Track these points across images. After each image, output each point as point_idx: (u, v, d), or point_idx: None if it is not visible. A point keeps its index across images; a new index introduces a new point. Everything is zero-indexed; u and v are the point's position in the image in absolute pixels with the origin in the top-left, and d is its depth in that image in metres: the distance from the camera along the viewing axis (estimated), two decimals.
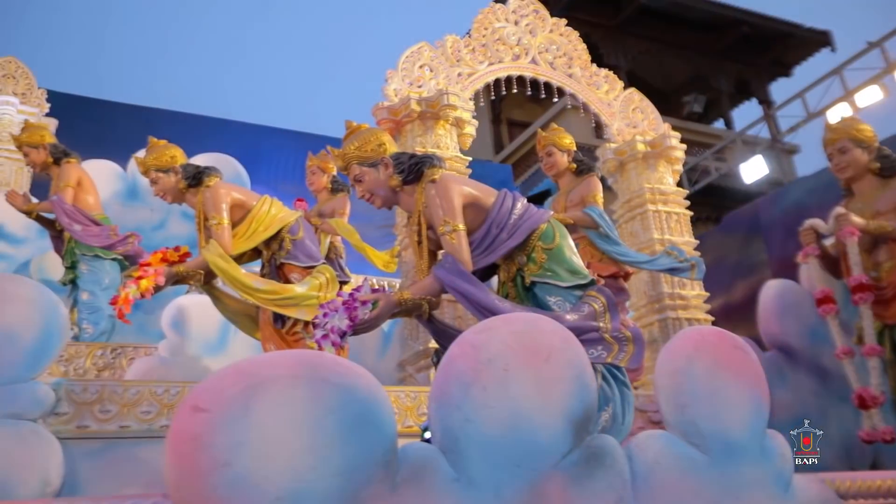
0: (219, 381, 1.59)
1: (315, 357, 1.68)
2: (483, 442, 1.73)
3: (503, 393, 1.77)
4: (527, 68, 6.08)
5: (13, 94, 7.33)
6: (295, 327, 4.05)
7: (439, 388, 1.80)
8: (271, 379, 1.59)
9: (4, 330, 2.71)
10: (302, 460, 1.53)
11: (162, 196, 4.18)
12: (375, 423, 1.65)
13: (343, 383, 1.65)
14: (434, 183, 2.96)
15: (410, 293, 2.89)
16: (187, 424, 1.54)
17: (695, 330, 2.12)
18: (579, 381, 1.87)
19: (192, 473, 1.50)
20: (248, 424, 1.53)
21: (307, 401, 1.59)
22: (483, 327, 1.88)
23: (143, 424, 2.93)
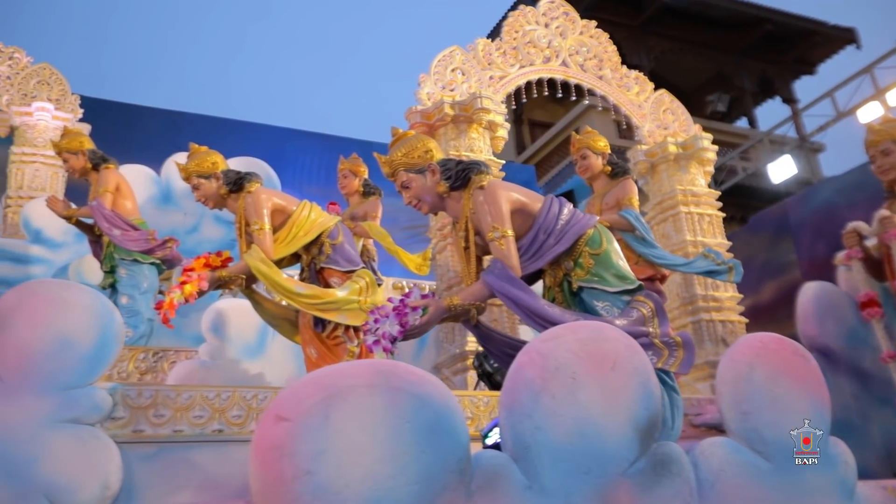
0: (299, 391, 1.62)
1: (389, 366, 1.71)
2: (553, 449, 1.75)
3: (571, 401, 1.79)
4: (557, 71, 6.10)
5: (48, 100, 7.45)
6: (335, 331, 4.08)
7: (509, 396, 1.82)
8: (349, 388, 1.62)
9: (63, 336, 2.76)
10: (381, 468, 1.56)
11: (203, 202, 4.22)
12: (449, 431, 1.68)
13: (417, 392, 1.67)
14: (482, 189, 2.98)
15: (460, 299, 2.91)
16: (271, 433, 1.57)
17: (755, 337, 2.13)
18: (644, 389, 1.88)
19: (277, 481, 1.53)
20: (328, 433, 1.56)
21: (383, 409, 1.62)
22: (550, 336, 1.90)
23: (196, 428, 2.98)
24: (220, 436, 3.01)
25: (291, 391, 1.60)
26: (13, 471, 2.55)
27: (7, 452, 2.56)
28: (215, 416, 3.03)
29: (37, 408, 2.66)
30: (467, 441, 1.72)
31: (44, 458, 2.59)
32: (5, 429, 2.59)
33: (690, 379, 5.39)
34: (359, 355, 4.05)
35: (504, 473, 1.72)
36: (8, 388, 2.65)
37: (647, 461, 1.84)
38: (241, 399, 3.10)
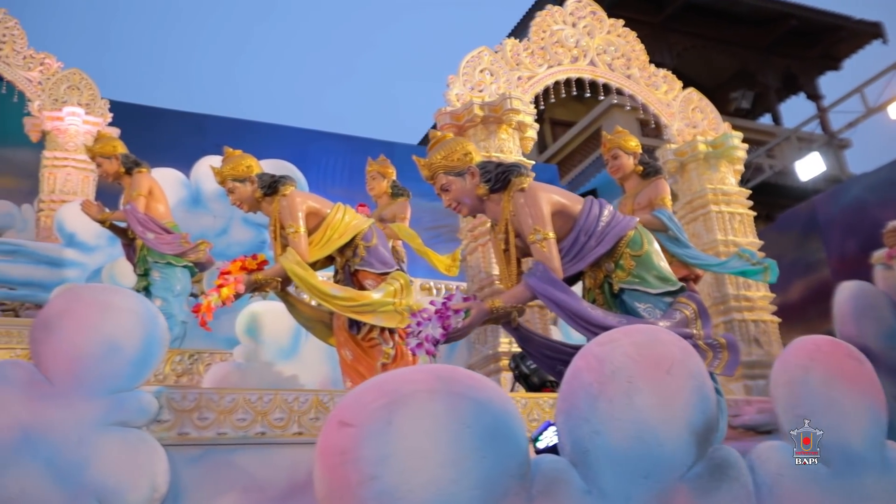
0: (362, 397, 1.63)
1: (449, 371, 1.72)
2: (612, 454, 1.75)
3: (628, 405, 1.79)
4: (585, 70, 6.08)
5: (78, 105, 7.54)
6: (371, 333, 4.09)
7: (566, 401, 1.82)
8: (410, 394, 1.63)
9: (110, 340, 2.79)
10: (443, 473, 1.57)
11: (238, 205, 4.25)
12: (509, 436, 1.68)
13: (477, 396, 1.68)
14: (523, 191, 2.98)
15: (502, 301, 2.91)
16: (335, 439, 1.58)
17: (808, 340, 2.12)
18: (700, 393, 1.88)
19: (342, 486, 1.54)
20: (391, 438, 1.57)
21: (444, 414, 1.63)
22: (605, 339, 1.90)
23: (239, 431, 3.00)
24: (262, 438, 3.03)
25: (354, 396, 1.62)
26: (65, 473, 2.58)
27: (59, 455, 2.60)
28: (258, 419, 3.05)
29: (86, 411, 2.70)
30: (527, 445, 1.72)
31: (94, 461, 2.63)
32: (57, 432, 2.62)
33: (723, 379, 5.36)
34: (394, 357, 4.07)
35: (564, 478, 1.72)
36: (58, 391, 2.69)
37: (705, 466, 1.83)
38: (283, 402, 3.12)
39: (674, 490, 1.76)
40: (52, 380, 2.71)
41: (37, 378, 2.70)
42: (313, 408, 3.16)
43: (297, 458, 3.06)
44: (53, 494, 2.55)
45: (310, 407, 3.15)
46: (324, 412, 3.16)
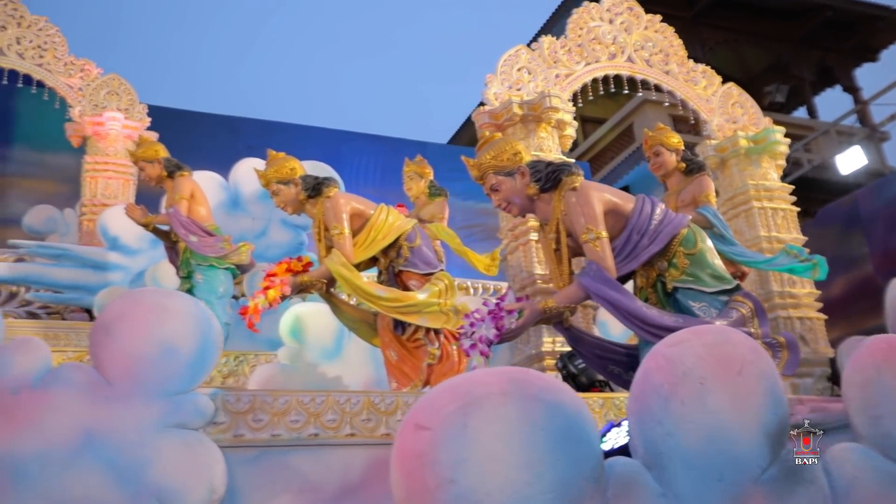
0: (436, 400, 1.62)
1: (521, 374, 1.71)
2: (685, 456, 1.72)
3: (701, 406, 1.77)
4: (623, 67, 6.04)
5: (117, 110, 7.65)
6: (416, 334, 4.10)
7: (638, 402, 1.80)
8: (484, 396, 1.62)
9: (166, 343, 2.82)
10: (518, 476, 1.56)
11: (282, 207, 4.27)
12: (583, 438, 1.67)
13: (550, 399, 1.67)
14: (574, 191, 2.96)
15: (555, 301, 2.90)
16: (412, 442, 1.58)
17: (881, 339, 2.07)
18: (772, 394, 1.85)
19: (420, 490, 1.54)
20: (467, 441, 1.56)
21: (518, 417, 1.62)
22: (675, 340, 1.87)
23: (293, 433, 3.01)
24: (316, 440, 3.04)
25: (428, 400, 1.61)
26: (126, 475, 2.62)
27: (120, 456, 2.63)
28: (311, 421, 3.06)
29: (145, 413, 2.73)
30: (600, 448, 1.70)
31: (154, 463, 2.66)
32: (118, 433, 2.66)
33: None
34: (439, 357, 4.07)
35: (639, 481, 1.70)
36: (118, 393, 2.72)
37: (779, 468, 1.80)
38: (335, 403, 3.13)
39: (749, 493, 1.73)
40: (111, 382, 2.74)
41: (97, 381, 2.74)
42: (365, 409, 3.16)
43: (349, 459, 3.07)
44: (115, 495, 2.58)
45: (361, 408, 3.16)
46: (375, 413, 3.17)
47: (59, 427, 2.61)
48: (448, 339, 4.10)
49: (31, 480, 2.52)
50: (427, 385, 4.05)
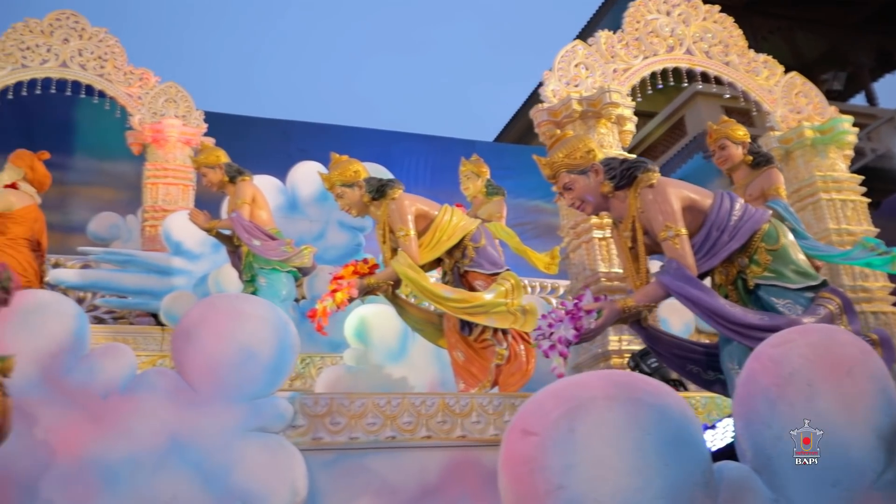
0: (542, 405, 1.60)
1: (626, 377, 1.68)
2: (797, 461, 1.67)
3: (809, 409, 1.71)
4: (682, 59, 5.93)
5: (175, 117, 7.79)
6: (483, 334, 4.07)
7: (744, 405, 1.76)
8: (589, 401, 1.59)
9: (245, 347, 2.85)
10: (628, 482, 1.53)
11: (347, 210, 4.29)
12: (691, 443, 1.63)
13: (656, 403, 1.63)
14: (651, 188, 2.91)
15: (634, 301, 2.85)
16: (519, 448, 1.56)
17: None
18: (883, 395, 1.78)
19: (530, 495, 1.52)
20: (575, 447, 1.54)
21: (625, 422, 1.59)
22: (780, 340, 1.82)
23: (370, 436, 3.02)
24: (393, 442, 3.05)
25: (535, 404, 1.59)
26: (212, 478, 2.65)
27: (206, 460, 2.67)
28: (387, 423, 3.07)
29: (228, 417, 2.77)
30: (708, 453, 1.66)
31: (238, 466, 2.69)
32: (203, 437, 2.70)
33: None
34: (508, 358, 4.04)
35: (750, 486, 1.65)
36: (201, 398, 2.77)
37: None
38: (411, 405, 3.13)
39: (865, 499, 1.67)
40: (194, 387, 2.79)
41: (181, 385, 2.78)
42: (440, 411, 3.16)
43: (426, 461, 3.07)
44: (202, 498, 2.62)
45: (437, 410, 3.15)
46: (450, 415, 3.16)
47: (147, 431, 2.66)
48: (516, 340, 4.07)
49: (122, 483, 2.57)
50: (495, 385, 4.03)
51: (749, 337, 2.67)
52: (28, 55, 7.37)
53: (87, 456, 2.58)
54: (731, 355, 2.92)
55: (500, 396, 3.32)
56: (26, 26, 7.49)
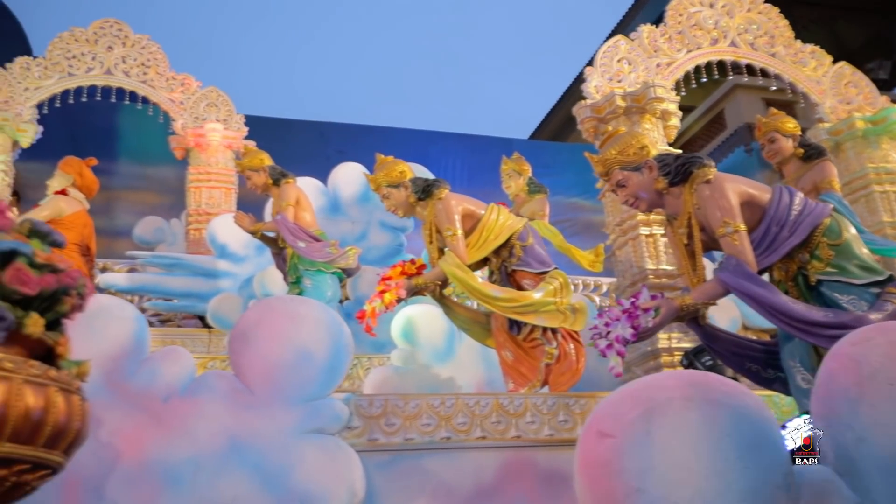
0: (617, 406, 1.58)
1: (702, 378, 1.65)
2: (882, 463, 1.62)
3: (893, 409, 1.66)
4: (726, 52, 5.83)
5: (217, 121, 7.87)
6: (533, 334, 4.05)
7: (824, 405, 1.71)
8: (665, 402, 1.57)
9: (301, 349, 2.87)
10: (707, 485, 1.50)
11: (393, 210, 4.29)
12: (770, 444, 1.59)
13: (734, 404, 1.60)
14: (708, 183, 2.86)
15: (692, 299, 2.81)
16: (596, 450, 1.54)
17: None
18: None
19: (608, 499, 1.50)
20: (652, 449, 1.51)
21: (702, 423, 1.55)
22: (858, 338, 1.77)
23: (425, 437, 3.02)
24: (448, 443, 3.04)
25: (610, 406, 1.57)
26: (272, 479, 2.67)
27: (265, 462, 2.69)
28: (442, 424, 3.06)
29: (286, 419, 2.78)
30: (788, 454, 1.62)
31: (297, 467, 2.71)
32: (261, 439, 2.72)
33: None
34: (558, 357, 4.01)
35: (833, 490, 1.61)
36: (258, 400, 2.79)
37: None
38: (465, 406, 3.12)
39: None
40: (252, 389, 2.81)
41: (238, 388, 2.81)
42: (494, 411, 3.14)
43: (481, 461, 3.06)
44: (262, 499, 2.64)
45: (491, 411, 3.14)
46: (504, 416, 3.14)
47: (207, 433, 2.69)
48: (566, 338, 4.04)
49: (184, 484, 2.60)
50: (545, 385, 4.00)
51: (813, 334, 2.62)
52: (74, 63, 7.51)
53: (150, 458, 2.61)
54: (791, 353, 2.87)
55: (554, 396, 3.29)
56: (72, 35, 7.64)
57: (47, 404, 1.45)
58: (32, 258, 1.53)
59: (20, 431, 1.39)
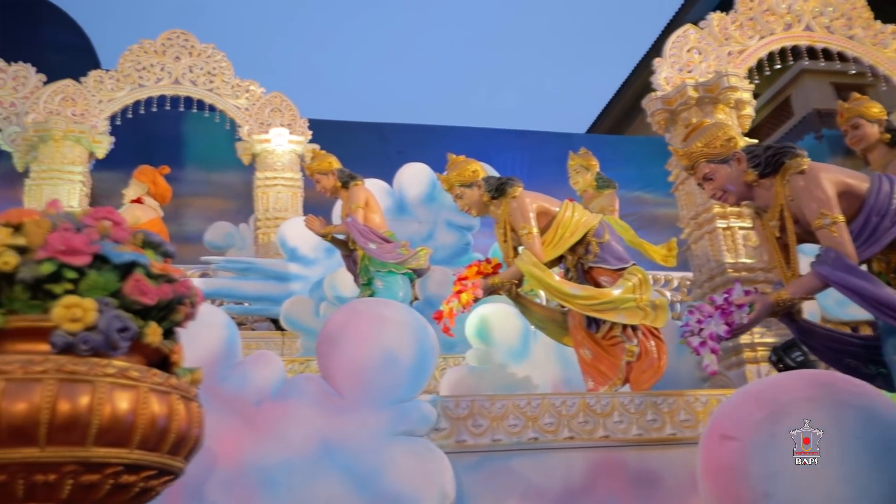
0: (740, 409, 1.53)
1: (826, 377, 1.59)
2: None
3: None
4: (801, 36, 5.65)
5: (281, 126, 7.99)
6: (612, 331, 3.98)
7: None
8: (790, 403, 1.51)
9: (387, 351, 2.87)
10: (839, 490, 1.44)
11: (467, 210, 4.28)
12: None
13: (862, 405, 1.53)
14: (802, 174, 2.76)
15: (789, 293, 2.72)
16: (720, 454, 1.49)
17: None
18: None
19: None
20: (778, 452, 1.46)
21: (830, 425, 1.49)
22: None
23: (513, 437, 3.00)
24: (536, 444, 3.01)
25: (732, 408, 1.52)
26: (364, 482, 2.69)
27: (356, 464, 2.70)
28: (529, 425, 3.04)
29: (375, 421, 2.79)
30: None
31: (388, 469, 2.71)
32: (353, 442, 2.73)
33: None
34: (639, 354, 3.94)
35: None
36: (348, 403, 2.81)
37: None
38: (551, 406, 3.08)
39: None
40: (340, 392, 2.83)
41: (328, 391, 2.83)
42: (581, 411, 3.10)
43: (570, 462, 3.03)
44: (356, 502, 2.66)
45: (577, 411, 3.10)
46: (592, 416, 3.10)
47: (299, 436, 2.72)
48: (646, 335, 3.96)
49: (280, 487, 2.63)
50: (626, 383, 3.93)
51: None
52: (144, 75, 7.72)
53: (246, 461, 2.65)
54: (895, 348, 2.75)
55: (641, 395, 3.23)
56: (141, 47, 7.86)
57: (170, 412, 1.47)
58: (149, 269, 1.56)
59: (147, 438, 1.42)
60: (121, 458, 1.39)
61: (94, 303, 1.43)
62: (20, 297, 1.43)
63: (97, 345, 1.41)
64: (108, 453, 1.37)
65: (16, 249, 1.43)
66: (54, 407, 1.31)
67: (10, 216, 1.49)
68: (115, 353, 1.44)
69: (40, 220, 1.48)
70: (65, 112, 7.21)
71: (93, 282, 1.47)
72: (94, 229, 1.54)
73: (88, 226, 1.54)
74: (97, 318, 1.42)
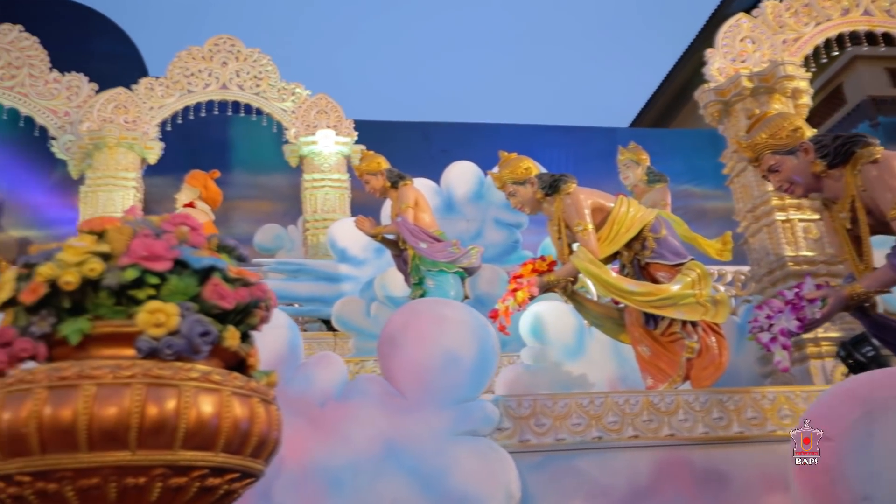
0: (833, 408, 1.48)
1: None
2: None
3: None
4: (860, 21, 5.49)
5: (327, 128, 8.05)
6: (671, 328, 3.91)
7: None
8: (886, 401, 1.45)
9: (448, 352, 2.86)
10: None
11: (520, 208, 4.25)
12: None
13: None
14: (875, 163, 2.67)
15: (864, 286, 2.63)
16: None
17: None
18: None
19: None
20: (876, 453, 1.40)
21: None
22: None
23: (576, 436, 2.97)
24: (600, 443, 2.97)
25: (824, 407, 1.47)
26: (429, 482, 2.68)
27: (421, 464, 2.70)
28: (592, 424, 3.00)
29: (438, 422, 2.79)
30: None
31: (453, 470, 2.70)
32: (416, 442, 2.73)
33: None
34: (699, 351, 3.86)
35: None
36: (411, 404, 2.80)
37: None
38: (614, 404, 3.04)
39: None
40: (403, 392, 2.83)
41: (390, 391, 2.83)
42: (645, 409, 3.05)
43: (635, 461, 2.98)
44: (422, 503, 2.66)
45: (641, 409, 3.05)
46: (656, 414, 3.05)
47: (363, 437, 2.72)
48: (706, 332, 3.88)
49: (346, 488, 2.64)
50: (687, 380, 3.86)
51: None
52: (192, 80, 7.84)
53: (312, 462, 2.66)
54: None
55: (707, 393, 3.16)
56: (189, 54, 7.98)
57: (252, 415, 1.48)
58: (226, 273, 1.57)
59: (231, 441, 1.43)
60: (206, 461, 1.39)
61: (176, 308, 1.44)
62: (105, 303, 1.45)
63: (180, 349, 1.42)
64: (195, 456, 1.38)
65: (100, 256, 1.45)
66: (143, 411, 1.32)
67: (94, 224, 1.51)
68: (196, 357, 1.46)
69: (122, 227, 1.50)
70: (118, 119, 7.36)
71: (174, 287, 1.48)
72: (173, 235, 1.55)
73: (167, 231, 1.56)
74: (180, 322, 1.44)
